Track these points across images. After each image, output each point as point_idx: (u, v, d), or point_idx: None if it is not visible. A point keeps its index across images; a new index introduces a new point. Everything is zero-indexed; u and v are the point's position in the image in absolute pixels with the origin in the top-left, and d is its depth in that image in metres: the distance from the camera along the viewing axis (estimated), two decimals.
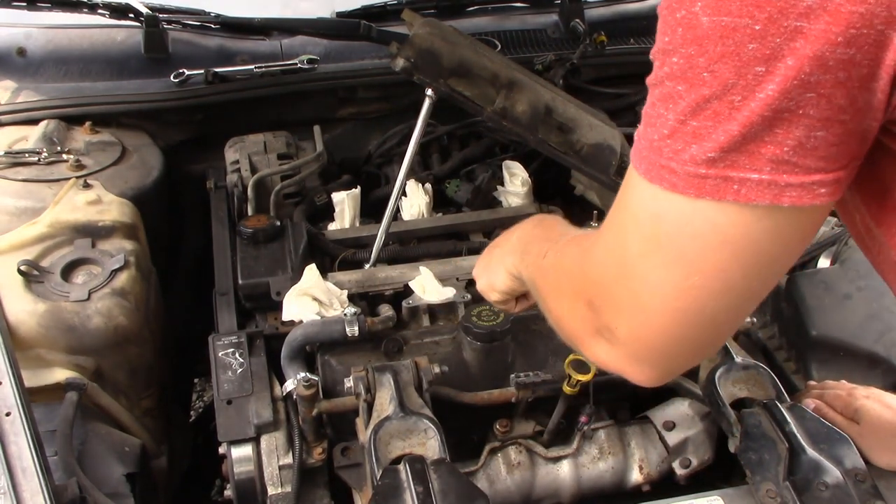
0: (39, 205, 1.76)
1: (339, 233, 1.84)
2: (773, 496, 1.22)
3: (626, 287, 0.79)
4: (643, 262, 0.76)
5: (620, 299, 0.80)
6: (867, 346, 1.52)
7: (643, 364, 0.83)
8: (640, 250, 0.76)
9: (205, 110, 2.16)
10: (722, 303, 0.75)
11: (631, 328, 0.80)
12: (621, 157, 1.70)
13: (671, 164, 0.70)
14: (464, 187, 1.97)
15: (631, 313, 0.79)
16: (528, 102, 1.62)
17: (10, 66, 2.22)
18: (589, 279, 0.86)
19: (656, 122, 0.71)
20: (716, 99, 0.67)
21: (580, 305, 0.86)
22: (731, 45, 0.65)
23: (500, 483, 1.40)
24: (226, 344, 1.51)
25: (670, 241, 0.74)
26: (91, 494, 1.19)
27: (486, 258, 1.31)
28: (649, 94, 0.73)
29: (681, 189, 0.70)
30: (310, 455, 1.38)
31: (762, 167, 0.67)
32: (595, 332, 0.84)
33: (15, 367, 1.21)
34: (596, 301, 0.84)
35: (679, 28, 0.67)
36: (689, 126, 0.69)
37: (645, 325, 0.79)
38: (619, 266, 0.79)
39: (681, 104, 0.69)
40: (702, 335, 0.79)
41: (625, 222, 0.79)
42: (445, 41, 1.60)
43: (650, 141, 0.72)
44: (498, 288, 1.26)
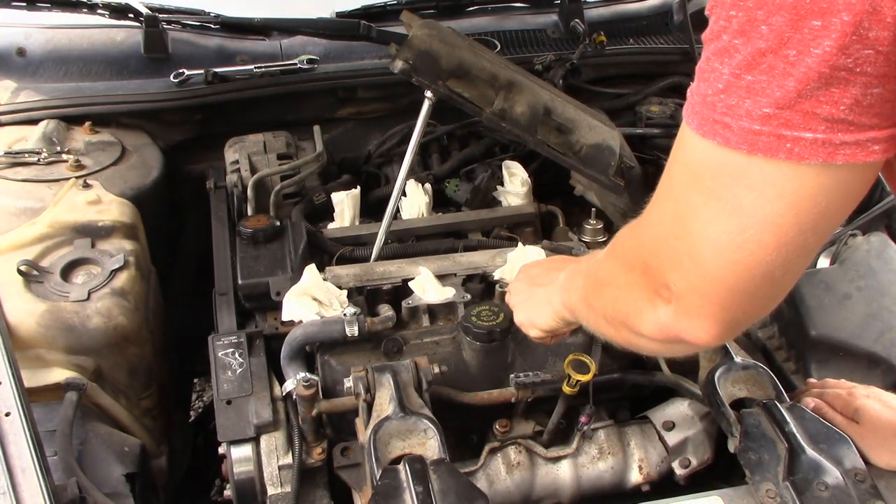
0: (39, 205, 1.76)
1: (339, 231, 1.84)
2: (773, 496, 1.22)
3: (683, 240, 0.79)
4: (699, 213, 0.77)
5: (676, 253, 0.81)
6: (867, 345, 1.52)
7: (703, 319, 0.82)
8: (697, 203, 0.77)
9: (204, 110, 2.16)
10: (777, 256, 0.75)
11: (688, 280, 0.81)
12: (620, 158, 1.70)
13: (725, 118, 0.71)
14: (463, 187, 1.97)
15: (688, 266, 0.80)
16: (527, 103, 1.62)
17: (10, 66, 2.22)
18: (643, 244, 0.87)
19: (710, 77, 0.72)
20: (771, 53, 0.66)
21: (635, 273, 0.88)
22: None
23: (499, 483, 1.40)
24: (226, 344, 1.51)
25: (727, 193, 0.74)
26: (91, 494, 1.19)
27: (527, 292, 1.32)
28: (704, 49, 0.74)
29: (734, 144, 0.71)
30: (309, 455, 1.39)
31: (816, 126, 0.67)
32: (653, 295, 0.85)
33: (15, 367, 1.21)
34: (652, 261, 0.85)
35: None
36: (743, 80, 0.68)
37: (702, 277, 0.79)
38: (675, 221, 0.80)
39: (736, 58, 0.69)
40: (759, 289, 0.79)
41: (680, 178, 0.80)
42: (444, 43, 1.60)
43: (703, 96, 0.72)
44: (539, 326, 1.29)
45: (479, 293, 1.62)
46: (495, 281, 1.62)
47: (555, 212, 1.91)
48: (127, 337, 1.57)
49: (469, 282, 1.64)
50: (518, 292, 1.36)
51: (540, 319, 1.27)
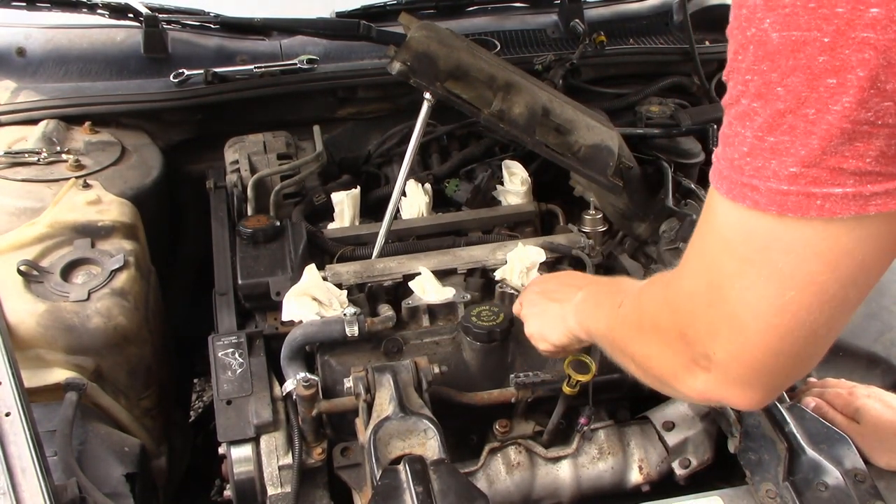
0: (39, 205, 1.76)
1: (339, 231, 1.84)
2: (773, 496, 1.22)
3: (721, 310, 0.78)
4: (736, 281, 0.76)
5: (716, 323, 0.79)
6: (866, 345, 1.52)
7: (746, 387, 0.82)
8: (733, 270, 0.76)
9: (204, 110, 2.16)
10: (820, 315, 0.75)
11: (730, 351, 0.79)
12: (619, 158, 1.70)
13: (753, 181, 0.71)
14: (463, 187, 1.97)
15: (729, 335, 0.78)
16: (525, 104, 1.62)
17: (10, 66, 2.22)
18: (678, 311, 0.85)
19: (734, 141, 0.72)
20: (790, 113, 0.67)
21: (670, 340, 0.86)
22: (802, 58, 0.65)
23: (499, 483, 1.40)
24: (226, 344, 1.51)
25: (763, 257, 0.73)
26: (91, 494, 1.19)
27: (541, 306, 1.33)
28: (725, 115, 0.74)
29: (763, 207, 0.70)
30: (309, 455, 1.38)
31: (845, 181, 0.67)
32: (690, 364, 0.84)
33: (15, 367, 1.21)
34: (689, 331, 0.83)
35: (750, 46, 0.68)
36: (766, 142, 0.69)
37: (745, 346, 0.78)
38: (710, 290, 0.79)
39: (757, 120, 0.69)
40: (803, 349, 0.78)
41: (713, 245, 0.78)
42: (442, 44, 1.60)
43: (730, 160, 0.73)
44: (552, 341, 1.29)
45: (479, 287, 1.62)
46: (496, 281, 1.62)
47: (555, 210, 1.91)
48: (127, 337, 1.57)
49: (470, 276, 1.64)
50: (532, 304, 1.36)
51: (552, 335, 1.28)
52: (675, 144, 2.06)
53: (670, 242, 1.74)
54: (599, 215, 1.82)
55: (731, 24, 0.71)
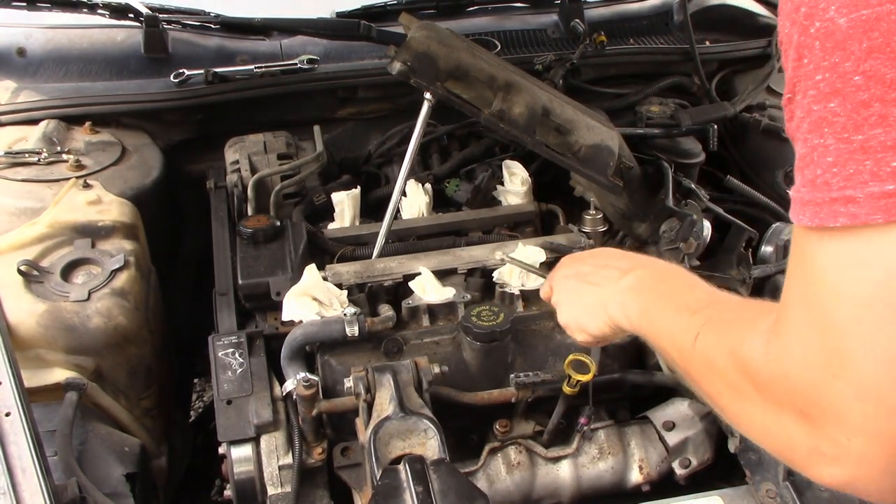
0: (39, 205, 1.76)
1: (339, 231, 1.84)
2: (773, 496, 1.22)
3: (848, 381, 0.61)
4: (859, 330, 0.60)
5: (843, 400, 0.62)
6: None
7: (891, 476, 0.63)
8: (850, 317, 0.60)
9: (205, 110, 2.16)
10: None
11: (869, 434, 0.62)
12: (619, 158, 1.70)
13: (846, 192, 0.59)
14: (463, 187, 1.97)
15: (864, 415, 0.61)
16: (525, 104, 1.62)
17: (10, 66, 2.22)
18: (790, 383, 0.67)
19: (814, 157, 0.61)
20: (877, 101, 0.57)
21: (786, 417, 0.68)
22: (878, 37, 0.57)
23: (499, 483, 1.40)
24: (226, 344, 1.51)
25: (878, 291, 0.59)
26: (91, 494, 1.19)
27: (576, 291, 1.19)
28: (795, 141, 0.64)
29: (864, 218, 0.58)
30: (310, 455, 1.39)
31: None
32: (816, 453, 0.66)
33: (15, 367, 1.21)
34: (810, 411, 0.65)
35: (816, 42, 0.60)
36: (855, 142, 0.58)
37: (887, 419, 0.61)
38: (828, 357, 0.63)
39: (838, 122, 0.59)
40: None
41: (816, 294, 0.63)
42: (442, 44, 1.60)
43: (811, 181, 0.61)
44: (591, 332, 1.16)
45: (479, 287, 1.62)
46: (496, 283, 1.62)
47: (555, 210, 1.91)
48: (127, 337, 1.57)
49: (470, 276, 1.64)
50: (564, 290, 1.23)
51: (591, 324, 1.14)
52: (676, 144, 2.06)
53: (670, 242, 1.74)
54: (599, 215, 1.82)
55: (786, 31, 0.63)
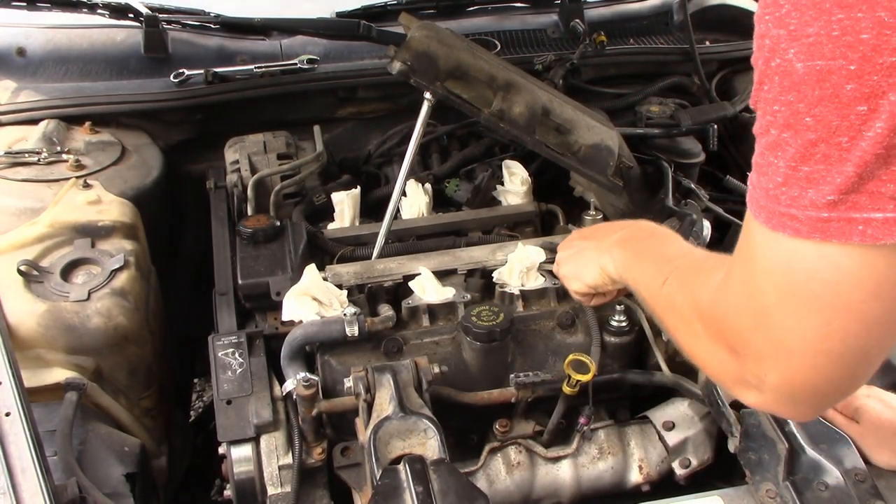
0: (39, 205, 1.76)
1: (339, 232, 1.84)
2: (773, 496, 1.22)
3: (767, 336, 0.78)
4: (780, 310, 0.75)
5: (763, 348, 0.79)
6: None
7: (797, 405, 0.82)
8: (775, 299, 0.75)
9: (205, 110, 2.16)
10: (867, 340, 0.74)
11: (780, 375, 0.79)
12: (619, 158, 1.70)
13: (791, 210, 0.70)
14: (463, 187, 1.97)
15: (776, 361, 0.78)
16: (525, 104, 1.62)
17: (10, 66, 2.22)
18: (726, 325, 0.84)
19: (768, 171, 0.72)
20: (823, 142, 0.67)
21: (721, 350, 0.85)
22: (829, 87, 0.65)
23: (499, 483, 1.40)
24: (226, 344, 1.51)
25: (804, 287, 0.73)
26: (91, 494, 1.19)
27: (578, 247, 1.33)
28: (757, 143, 0.73)
29: (805, 234, 0.70)
30: (309, 455, 1.39)
31: (885, 205, 0.67)
32: (740, 381, 0.84)
33: (15, 367, 1.21)
34: (739, 349, 0.82)
35: (776, 76, 0.68)
36: (801, 172, 0.68)
37: (793, 371, 0.78)
38: (755, 316, 0.79)
39: (789, 151, 0.69)
40: (853, 370, 0.78)
41: (754, 273, 0.78)
42: (442, 44, 1.60)
43: (766, 190, 0.72)
44: (585, 280, 1.29)
45: (479, 288, 1.62)
46: (496, 283, 1.62)
47: (555, 211, 1.91)
48: (127, 337, 1.57)
49: (470, 277, 1.64)
50: (566, 248, 1.36)
51: (586, 273, 1.27)
52: (675, 144, 2.06)
53: None
54: (599, 216, 1.82)
55: (755, 53, 0.71)
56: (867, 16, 0.61)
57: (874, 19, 0.61)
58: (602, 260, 1.21)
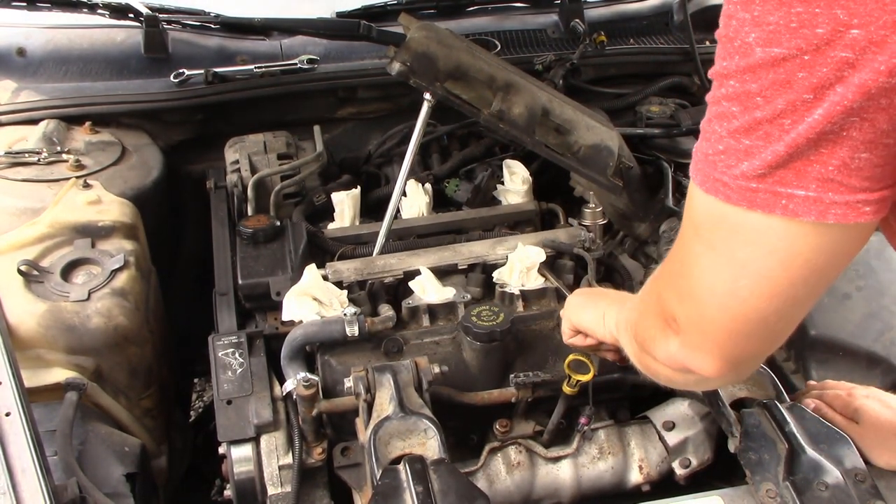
0: (39, 205, 1.76)
1: (339, 231, 1.84)
2: (773, 496, 1.22)
3: (686, 280, 0.86)
4: (699, 261, 0.83)
5: (682, 290, 0.87)
6: (866, 345, 1.52)
7: (705, 353, 0.88)
8: (697, 250, 0.84)
9: (205, 110, 2.16)
10: (770, 305, 0.81)
11: (690, 317, 0.87)
12: (619, 159, 1.70)
13: (723, 177, 0.76)
14: (463, 186, 1.97)
15: (689, 304, 0.86)
16: (525, 105, 1.62)
17: (10, 66, 2.22)
18: (660, 275, 0.96)
19: (711, 138, 0.77)
20: (767, 122, 0.72)
21: (652, 300, 0.95)
22: (782, 73, 0.69)
23: (499, 483, 1.40)
24: (226, 344, 1.51)
25: (724, 244, 0.80)
26: (91, 494, 1.19)
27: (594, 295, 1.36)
28: (707, 110, 0.79)
29: (734, 201, 0.76)
30: (310, 455, 1.39)
31: (808, 184, 0.72)
32: (664, 324, 0.91)
33: (15, 367, 1.21)
34: (664, 293, 0.92)
35: (736, 56, 0.72)
36: (742, 144, 0.74)
37: (701, 316, 0.86)
38: (681, 262, 0.87)
39: (734, 123, 0.74)
40: (755, 332, 0.85)
41: (687, 225, 0.86)
42: (441, 44, 1.60)
43: (705, 154, 0.78)
44: (582, 318, 1.31)
45: (480, 283, 1.62)
46: (496, 283, 1.62)
47: (555, 209, 1.91)
48: (127, 337, 1.57)
49: (470, 272, 1.64)
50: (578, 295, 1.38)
51: (587, 312, 1.30)
52: (675, 144, 2.06)
53: (670, 242, 1.74)
54: (599, 208, 1.81)
55: (719, 29, 0.75)
56: (824, 12, 0.65)
57: (830, 15, 0.65)
58: (608, 311, 1.24)
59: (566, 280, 1.64)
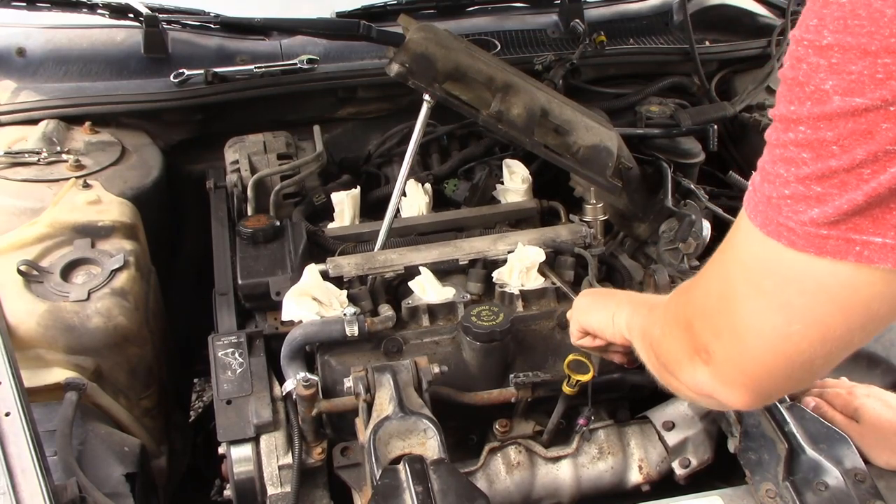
0: (39, 205, 1.76)
1: (340, 230, 1.84)
2: (773, 496, 1.22)
3: (728, 319, 0.82)
4: (747, 303, 0.80)
5: (720, 327, 0.83)
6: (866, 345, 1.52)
7: (737, 388, 0.85)
8: (746, 293, 0.80)
9: (205, 110, 2.16)
10: (821, 349, 0.78)
11: (728, 354, 0.83)
12: (618, 159, 1.70)
13: (789, 223, 0.72)
14: (462, 186, 1.97)
15: (730, 341, 0.83)
16: (524, 105, 1.62)
17: (10, 66, 2.22)
18: (691, 304, 0.90)
19: (776, 181, 0.73)
20: (844, 171, 0.68)
21: (680, 327, 0.91)
22: (864, 124, 0.66)
23: (499, 483, 1.40)
24: (225, 344, 1.51)
25: (777, 290, 0.76)
26: (90, 494, 1.19)
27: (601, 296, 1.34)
28: (768, 150, 0.75)
29: (800, 247, 0.72)
30: (309, 455, 1.39)
31: (886, 232, 0.69)
32: (693, 353, 0.88)
33: (15, 367, 1.21)
34: (696, 323, 0.88)
35: (808, 102, 0.69)
36: (812, 191, 0.70)
37: (741, 354, 0.82)
38: (722, 299, 0.83)
39: (804, 170, 0.70)
40: (797, 373, 0.82)
41: (733, 263, 0.82)
42: (440, 46, 1.60)
43: (768, 197, 0.74)
44: (588, 319, 1.30)
45: (481, 279, 1.62)
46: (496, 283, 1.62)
47: (556, 207, 1.91)
48: (127, 337, 1.57)
49: (471, 267, 1.64)
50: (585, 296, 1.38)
51: (593, 318, 1.28)
52: (675, 144, 2.06)
53: (670, 242, 1.74)
54: (600, 204, 1.81)
55: (785, 70, 0.72)
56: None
57: None
58: (617, 311, 1.23)
59: (566, 277, 1.64)
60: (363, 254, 1.67)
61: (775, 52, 2.37)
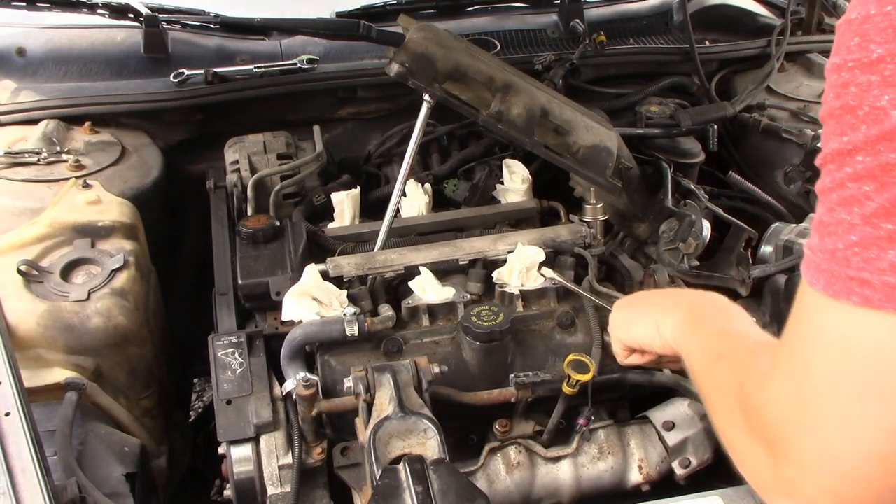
0: (39, 205, 1.76)
1: (340, 230, 1.84)
2: None
3: (813, 434, 0.66)
4: (832, 397, 0.64)
5: (805, 448, 0.67)
6: None
7: (822, 494, 0.67)
8: (828, 382, 0.65)
9: (204, 110, 2.16)
10: None
11: (820, 485, 0.66)
12: (618, 159, 1.70)
13: (862, 274, 0.60)
14: (462, 186, 1.97)
15: (820, 465, 0.66)
16: (524, 105, 1.62)
17: (10, 66, 2.22)
18: (765, 417, 0.72)
19: (837, 230, 0.62)
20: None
21: (756, 445, 0.73)
22: None
23: (499, 483, 1.40)
24: (225, 344, 1.51)
25: (867, 367, 0.62)
26: (90, 494, 1.19)
27: (641, 299, 1.26)
28: (821, 202, 0.65)
29: (877, 303, 0.60)
30: (309, 455, 1.39)
31: None
32: (774, 483, 0.72)
33: (15, 367, 1.21)
34: (776, 447, 0.70)
35: (862, 126, 0.60)
36: (882, 230, 0.59)
37: (838, 479, 0.65)
38: (801, 407, 0.67)
39: (870, 206, 0.60)
40: None
41: (806, 352, 0.67)
42: (440, 45, 1.60)
43: (831, 252, 0.63)
44: (633, 332, 1.20)
45: (482, 279, 1.62)
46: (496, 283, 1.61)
47: (556, 207, 1.91)
48: (127, 337, 1.57)
49: (472, 267, 1.64)
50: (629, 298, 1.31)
51: (639, 326, 1.18)
52: (675, 144, 2.06)
53: (670, 242, 1.74)
54: (600, 204, 1.81)
55: (829, 105, 0.63)
56: None
57: None
58: (661, 319, 1.11)
59: (566, 277, 1.64)
60: (363, 254, 1.67)
61: (775, 52, 2.37)
